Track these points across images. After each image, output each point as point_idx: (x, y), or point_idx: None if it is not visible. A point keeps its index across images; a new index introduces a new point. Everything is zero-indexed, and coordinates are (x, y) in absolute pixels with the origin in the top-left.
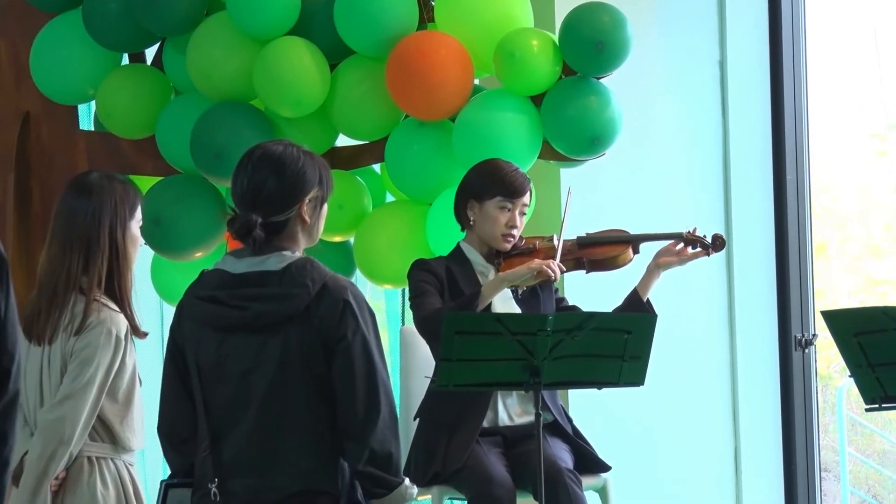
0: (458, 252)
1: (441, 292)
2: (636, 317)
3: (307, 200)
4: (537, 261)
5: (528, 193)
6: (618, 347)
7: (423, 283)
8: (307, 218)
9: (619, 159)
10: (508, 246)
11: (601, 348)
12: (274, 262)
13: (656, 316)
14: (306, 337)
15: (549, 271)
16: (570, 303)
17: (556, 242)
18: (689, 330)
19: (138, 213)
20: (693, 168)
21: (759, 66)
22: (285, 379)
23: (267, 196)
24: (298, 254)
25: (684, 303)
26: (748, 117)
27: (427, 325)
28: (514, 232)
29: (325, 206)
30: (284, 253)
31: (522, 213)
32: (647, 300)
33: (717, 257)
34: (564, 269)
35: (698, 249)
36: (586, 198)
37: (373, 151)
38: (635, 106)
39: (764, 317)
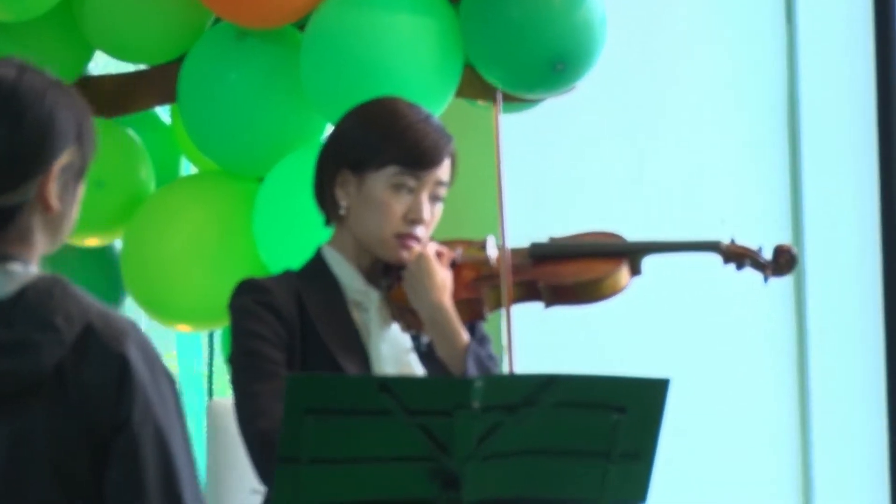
0: (317, 264)
1: (290, 355)
2: (635, 382)
3: (55, 171)
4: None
5: (448, 163)
6: (601, 438)
7: (257, 340)
8: (53, 202)
9: (604, 100)
10: (405, 254)
11: (570, 440)
12: None
13: (668, 381)
14: (57, 420)
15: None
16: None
17: (490, 251)
18: (735, 405)
19: None
20: (739, 139)
21: None
22: (19, 490)
23: None
24: (35, 268)
25: (723, 351)
26: (833, 61)
27: (265, 449)
28: (419, 231)
29: (82, 183)
30: (11, 267)
31: (436, 199)
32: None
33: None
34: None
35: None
36: (555, 180)
37: (156, 84)
38: (641, 13)
39: (862, 371)
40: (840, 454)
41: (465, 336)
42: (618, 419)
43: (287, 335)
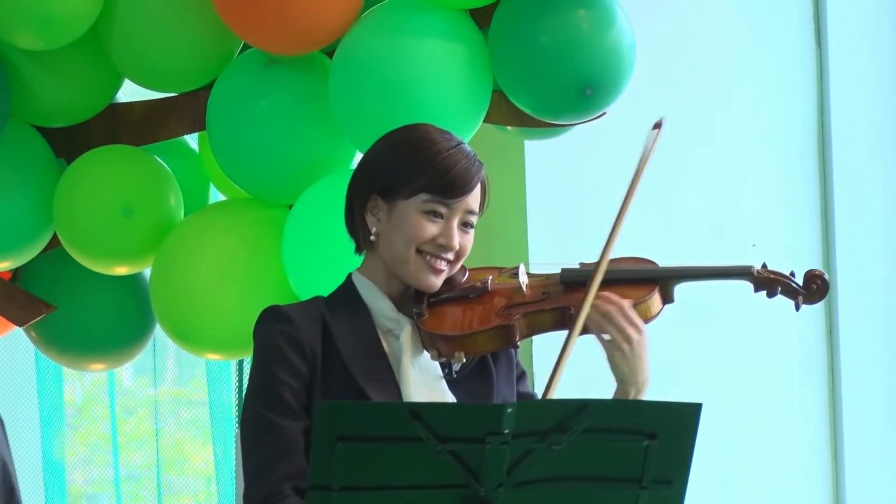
0: (347, 290)
1: (310, 388)
2: (666, 407)
3: None
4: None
5: (478, 190)
6: (633, 464)
7: (275, 384)
8: None
9: (632, 125)
10: (438, 281)
11: (602, 466)
12: None
13: (700, 405)
14: None
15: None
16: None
17: (523, 279)
18: (767, 425)
19: None
20: (767, 143)
21: None
22: None
23: None
24: None
25: (756, 373)
26: (863, 85)
27: None
28: (448, 257)
29: None
30: None
31: (467, 226)
32: None
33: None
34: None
35: (778, 296)
36: (581, 200)
37: (185, 112)
38: (663, 29)
39: (893, 395)
40: (871, 477)
41: None
42: (649, 444)
43: (308, 371)
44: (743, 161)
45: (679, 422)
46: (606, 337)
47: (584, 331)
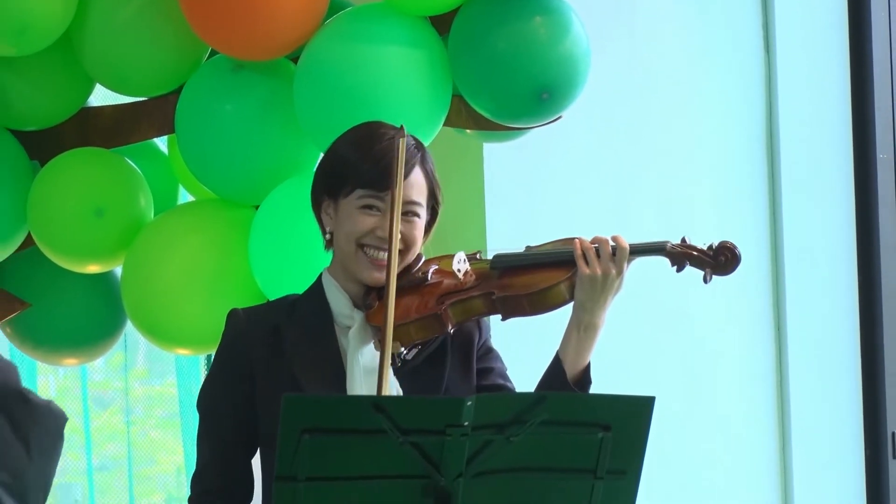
0: (315, 289)
1: (251, 399)
2: (620, 400)
3: None
4: None
5: (418, 178)
6: (588, 455)
7: (214, 390)
8: None
9: (588, 127)
10: (378, 275)
11: (558, 457)
12: None
13: (653, 398)
14: None
15: None
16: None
17: (458, 266)
18: (716, 419)
19: None
20: (716, 140)
21: None
22: None
23: None
24: None
25: (706, 368)
26: (809, 56)
27: None
28: (389, 249)
29: None
30: None
31: (411, 215)
32: (584, 375)
33: (762, 299)
34: None
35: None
36: (536, 199)
37: (154, 116)
38: (617, 34)
39: (838, 401)
40: (817, 464)
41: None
42: (604, 436)
43: (248, 378)
44: (693, 162)
45: (633, 414)
46: (587, 270)
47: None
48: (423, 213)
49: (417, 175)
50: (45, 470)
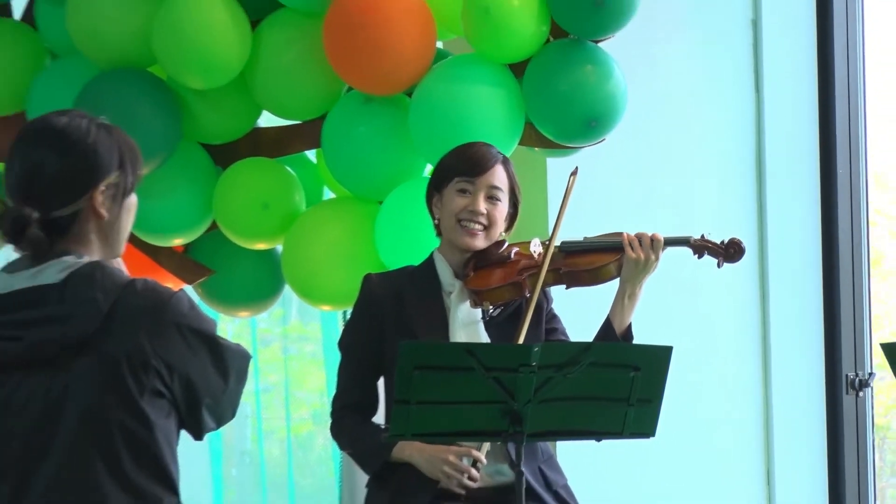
0: (427, 263)
1: (379, 341)
2: (646, 349)
3: (102, 188)
4: (449, 463)
5: (500, 172)
6: (623, 388)
7: (351, 334)
8: (103, 212)
9: (624, 147)
10: (475, 242)
11: (601, 389)
12: (52, 273)
13: (671, 348)
14: (102, 377)
15: (454, 485)
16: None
17: (534, 248)
18: (712, 366)
19: None
20: (717, 158)
21: (804, 27)
22: (53, 431)
23: (45, 182)
24: (87, 258)
25: (705, 332)
26: (789, 93)
27: (333, 417)
28: (480, 221)
29: (134, 199)
30: (66, 259)
31: (493, 199)
32: (628, 331)
33: (749, 273)
34: (474, 480)
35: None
36: (580, 194)
37: (306, 134)
38: (644, 78)
39: (807, 350)
40: (797, 456)
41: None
42: (634, 375)
43: (375, 331)
44: (697, 176)
45: (656, 359)
46: (633, 255)
47: (617, 251)
48: (504, 199)
49: (500, 170)
50: (234, 394)
